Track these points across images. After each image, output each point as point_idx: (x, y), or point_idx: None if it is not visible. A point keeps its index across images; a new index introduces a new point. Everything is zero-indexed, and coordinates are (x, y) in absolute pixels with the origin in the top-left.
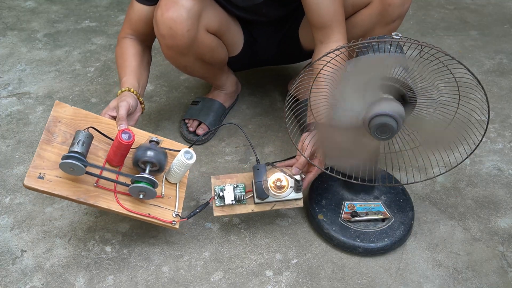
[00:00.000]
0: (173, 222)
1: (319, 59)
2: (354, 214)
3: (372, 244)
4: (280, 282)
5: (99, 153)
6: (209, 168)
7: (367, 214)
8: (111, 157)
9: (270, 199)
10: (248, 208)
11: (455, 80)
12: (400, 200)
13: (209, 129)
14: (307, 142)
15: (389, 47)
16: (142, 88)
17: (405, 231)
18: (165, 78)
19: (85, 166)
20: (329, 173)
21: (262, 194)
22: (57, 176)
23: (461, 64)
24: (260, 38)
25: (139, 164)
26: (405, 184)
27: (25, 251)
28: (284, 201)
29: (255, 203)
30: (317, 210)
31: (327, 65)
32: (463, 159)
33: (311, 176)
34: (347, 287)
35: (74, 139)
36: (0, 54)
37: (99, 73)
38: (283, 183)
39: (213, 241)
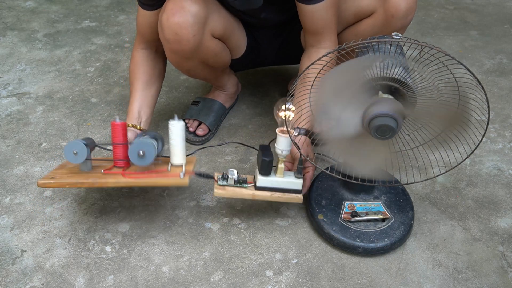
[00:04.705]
0: (181, 175)
1: (317, 60)
2: (354, 214)
3: (372, 244)
4: (280, 282)
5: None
6: (209, 168)
7: (367, 214)
8: (116, 153)
9: (272, 177)
10: (249, 192)
11: (455, 80)
12: (400, 200)
13: (209, 129)
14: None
15: (389, 47)
16: (146, 110)
17: (405, 231)
18: (165, 78)
19: (87, 146)
20: (329, 173)
21: (269, 155)
22: (67, 174)
23: (461, 64)
24: (262, 40)
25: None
26: (405, 184)
27: (25, 251)
28: (284, 190)
29: (256, 188)
30: (317, 210)
31: (324, 66)
32: (463, 159)
33: (310, 174)
34: (347, 287)
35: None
36: (0, 54)
37: (99, 73)
38: (290, 116)
39: (213, 241)
